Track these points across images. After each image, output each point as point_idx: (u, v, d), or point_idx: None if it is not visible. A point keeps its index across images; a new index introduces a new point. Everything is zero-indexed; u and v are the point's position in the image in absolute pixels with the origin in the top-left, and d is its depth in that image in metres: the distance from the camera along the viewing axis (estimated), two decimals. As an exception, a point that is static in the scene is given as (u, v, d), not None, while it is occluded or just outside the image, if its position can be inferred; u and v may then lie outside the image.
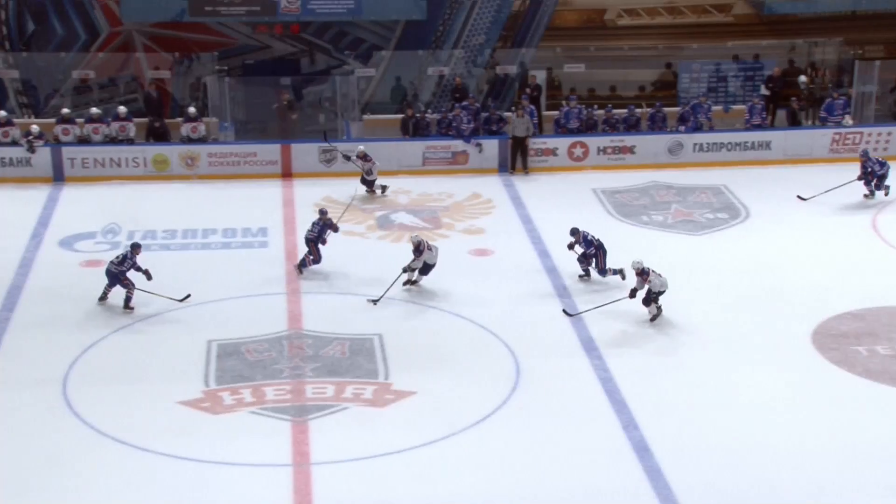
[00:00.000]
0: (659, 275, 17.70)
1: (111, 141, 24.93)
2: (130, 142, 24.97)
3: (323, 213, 20.07)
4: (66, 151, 24.51)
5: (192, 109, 25.48)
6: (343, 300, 18.52)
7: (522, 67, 28.28)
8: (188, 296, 18.29)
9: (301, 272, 19.54)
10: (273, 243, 21.34)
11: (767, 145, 26.25)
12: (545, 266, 20.24)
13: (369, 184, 23.72)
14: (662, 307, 17.85)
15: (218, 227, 21.98)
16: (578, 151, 25.85)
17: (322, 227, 19.68)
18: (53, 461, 14.02)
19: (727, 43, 29.41)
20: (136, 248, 18.35)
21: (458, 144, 25.51)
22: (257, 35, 28.03)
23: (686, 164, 25.88)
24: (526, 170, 25.46)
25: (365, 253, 20.67)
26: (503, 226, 22.43)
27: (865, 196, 23.44)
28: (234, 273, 19.80)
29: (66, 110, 25.23)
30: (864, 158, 23.34)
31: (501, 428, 14.99)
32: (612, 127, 26.34)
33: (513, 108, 25.88)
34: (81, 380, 16.01)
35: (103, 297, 18.20)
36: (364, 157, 23.68)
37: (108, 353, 16.88)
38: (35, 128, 24.60)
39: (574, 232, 19.41)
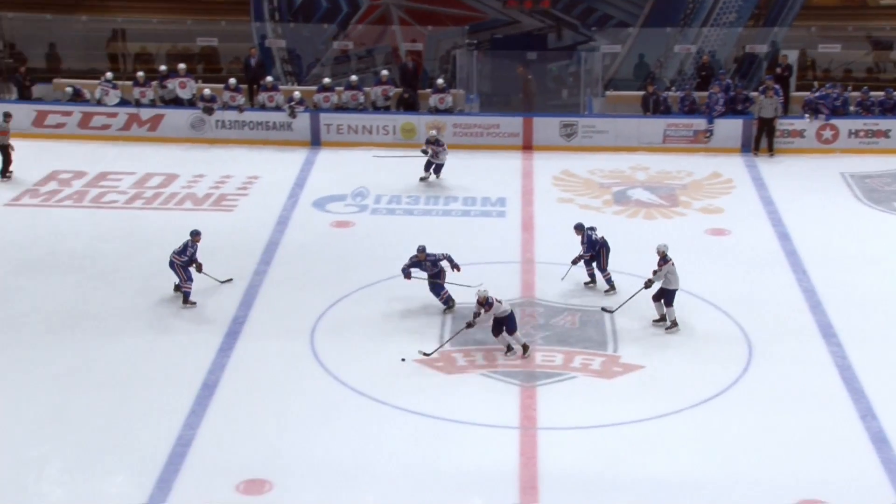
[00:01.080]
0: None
1: (371, 106, 25.80)
2: (387, 108, 25.78)
3: None
4: (324, 118, 25.52)
5: (440, 81, 26.00)
6: (576, 272, 18.53)
7: (773, 47, 27.33)
8: (230, 279, 18.16)
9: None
10: (511, 213, 21.57)
11: None
12: (785, 249, 19.60)
13: (437, 168, 22.84)
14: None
15: (459, 196, 22.41)
16: (828, 134, 24.81)
17: None
18: (298, 407, 14.77)
19: None
20: (195, 235, 17.53)
21: (700, 123, 24.97)
22: (507, 10, 28.25)
23: (946, 150, 24.45)
24: (771, 151, 24.66)
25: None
26: (743, 206, 21.84)
27: None
28: (471, 240, 20.15)
29: (326, 79, 26.25)
30: None
31: (729, 409, 14.69)
32: (866, 110, 25.11)
33: (760, 88, 25.07)
34: (327, 333, 16.73)
35: (177, 289, 17.55)
36: (436, 142, 22.69)
37: (353, 309, 17.53)
38: (297, 94, 25.74)
39: (579, 228, 18.18)
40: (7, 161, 22.63)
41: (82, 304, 17.37)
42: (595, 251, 18.00)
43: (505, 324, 15.92)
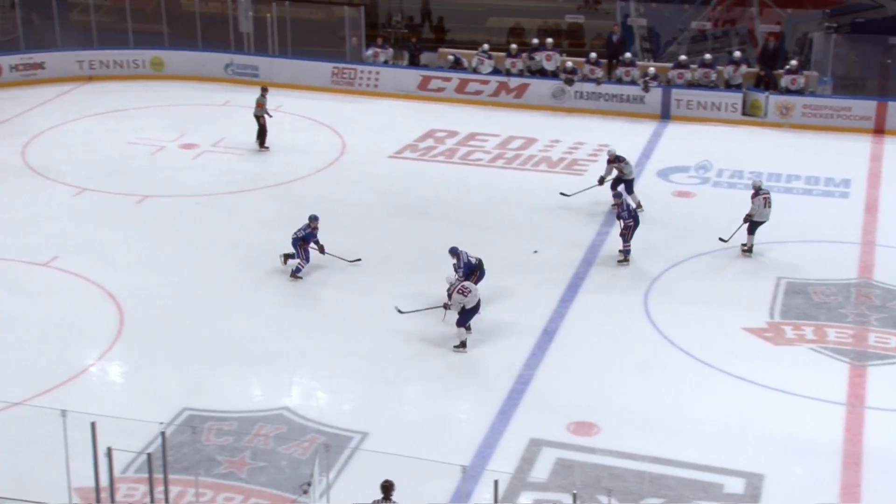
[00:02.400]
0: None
1: (724, 85, 25.00)
2: (738, 87, 24.88)
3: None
4: (675, 93, 24.99)
5: (794, 62, 24.70)
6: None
7: None
8: (359, 259, 17.34)
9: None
10: (854, 195, 20.23)
11: None
12: None
13: (627, 185, 19.50)
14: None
15: (801, 174, 21.27)
16: None
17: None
18: (627, 360, 14.71)
19: None
20: (313, 220, 16.85)
21: None
22: (875, -6, 26.35)
23: None
24: None
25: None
26: None
27: None
28: (811, 218, 19.13)
29: (683, 57, 25.65)
30: None
31: None
32: None
33: None
34: (660, 295, 16.50)
35: (286, 260, 16.93)
36: (616, 159, 19.41)
37: (686, 275, 17.18)
38: (652, 70, 25.37)
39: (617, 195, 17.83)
40: (262, 131, 22.24)
41: (445, 250, 18.09)
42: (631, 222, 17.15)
43: (470, 315, 14.82)
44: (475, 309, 14.92)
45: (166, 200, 19.70)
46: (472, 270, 15.67)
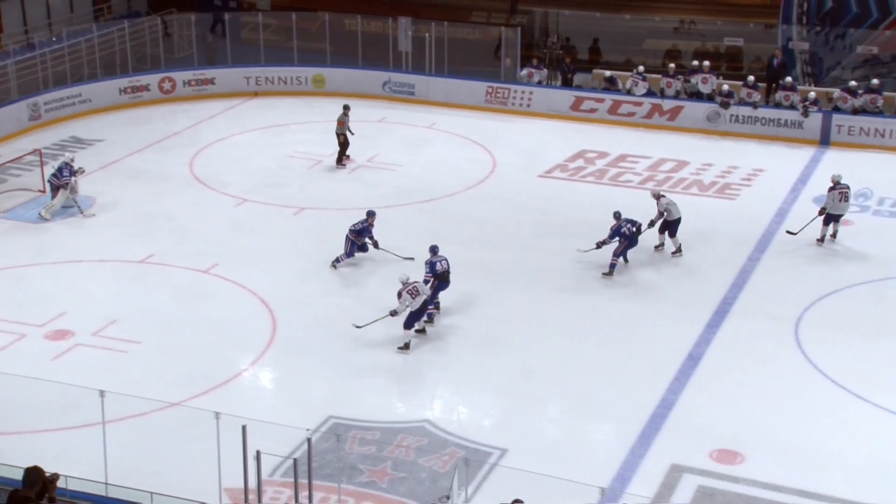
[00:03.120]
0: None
1: (876, 111, 24.03)
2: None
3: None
4: (836, 118, 24.10)
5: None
6: None
7: None
8: (412, 258, 17.46)
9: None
10: None
11: None
12: None
13: (671, 227, 18.32)
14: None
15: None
16: None
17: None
18: (775, 389, 14.25)
19: None
20: (370, 215, 17.52)
21: None
22: None
23: None
24: None
25: None
26: None
27: None
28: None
29: (853, 83, 24.65)
30: None
31: None
32: None
33: None
34: (812, 324, 15.92)
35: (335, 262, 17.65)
36: (658, 196, 18.51)
37: (841, 304, 16.56)
38: (812, 94, 24.54)
39: (617, 216, 17.74)
40: (342, 148, 22.54)
41: (591, 268, 17.97)
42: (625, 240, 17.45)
43: (418, 317, 15.14)
44: (421, 311, 15.19)
45: (321, 213, 20.20)
46: (435, 275, 15.80)
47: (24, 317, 15.93)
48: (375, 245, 17.73)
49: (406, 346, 15.21)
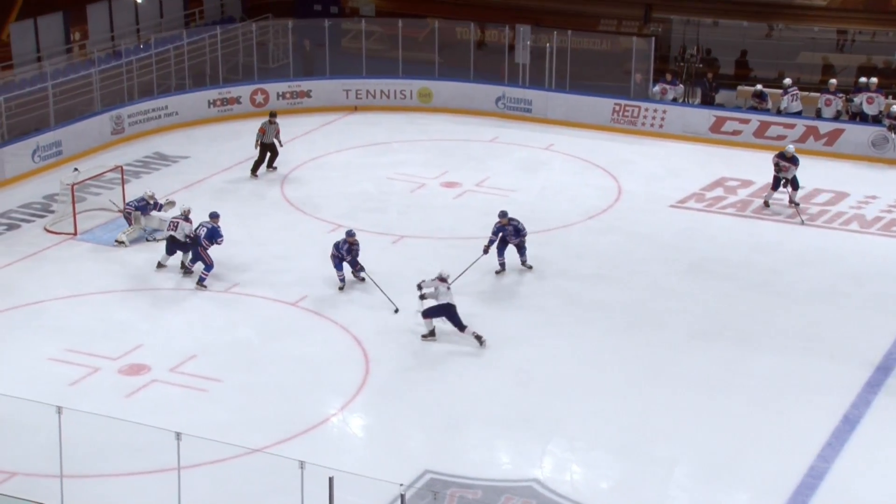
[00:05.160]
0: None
1: None
2: None
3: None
4: None
5: None
6: None
7: None
8: (397, 309, 17.67)
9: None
10: None
11: None
12: None
13: None
14: None
15: None
16: None
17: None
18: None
19: None
20: (350, 235, 18.40)
21: None
22: None
23: None
24: None
25: None
26: None
27: None
28: None
29: None
30: None
31: None
32: None
33: None
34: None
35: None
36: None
37: None
38: None
39: (503, 214, 18.66)
40: (267, 158, 23.61)
41: (728, 314, 17.68)
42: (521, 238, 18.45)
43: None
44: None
45: (422, 242, 20.38)
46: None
47: (98, 349, 16.46)
48: (355, 270, 18.50)
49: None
